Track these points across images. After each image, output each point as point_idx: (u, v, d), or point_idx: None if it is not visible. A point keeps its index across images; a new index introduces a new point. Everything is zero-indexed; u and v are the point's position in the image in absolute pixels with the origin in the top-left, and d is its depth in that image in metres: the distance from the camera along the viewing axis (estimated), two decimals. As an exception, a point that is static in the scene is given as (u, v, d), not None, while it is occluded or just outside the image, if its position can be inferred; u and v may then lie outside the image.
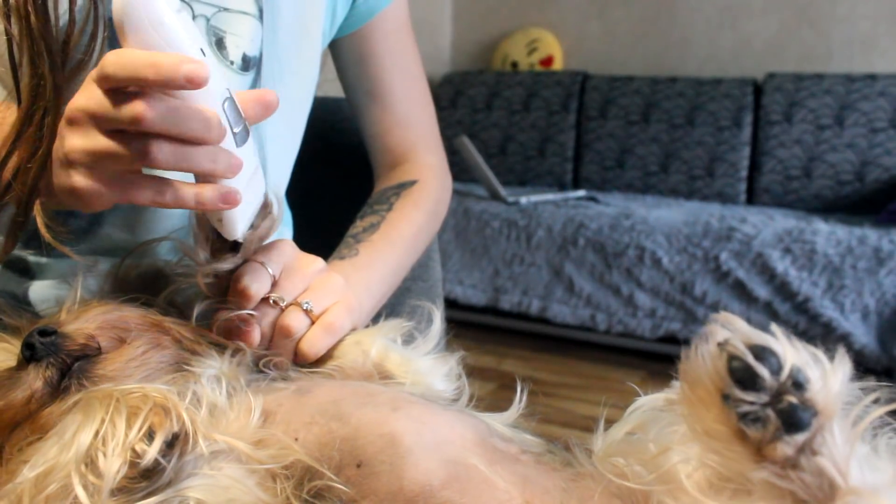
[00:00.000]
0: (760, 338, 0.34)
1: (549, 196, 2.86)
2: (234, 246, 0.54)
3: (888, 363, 2.22)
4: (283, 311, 0.55)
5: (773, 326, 0.34)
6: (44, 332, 0.45)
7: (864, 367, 2.22)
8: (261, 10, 0.65)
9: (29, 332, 0.45)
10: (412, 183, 0.80)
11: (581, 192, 2.97)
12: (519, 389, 0.51)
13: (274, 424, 0.44)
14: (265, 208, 0.55)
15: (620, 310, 2.56)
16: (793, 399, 0.32)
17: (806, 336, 2.35)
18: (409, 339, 0.57)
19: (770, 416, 0.33)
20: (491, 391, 2.20)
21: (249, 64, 0.66)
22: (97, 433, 0.37)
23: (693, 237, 2.46)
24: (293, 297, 0.56)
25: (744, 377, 0.33)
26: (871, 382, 0.35)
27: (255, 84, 0.67)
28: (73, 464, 0.36)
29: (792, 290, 2.33)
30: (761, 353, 0.33)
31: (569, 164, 3.26)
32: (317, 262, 0.59)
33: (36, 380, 0.44)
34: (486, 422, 0.47)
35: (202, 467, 0.39)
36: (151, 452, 0.37)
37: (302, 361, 0.55)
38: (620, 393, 2.37)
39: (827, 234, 2.33)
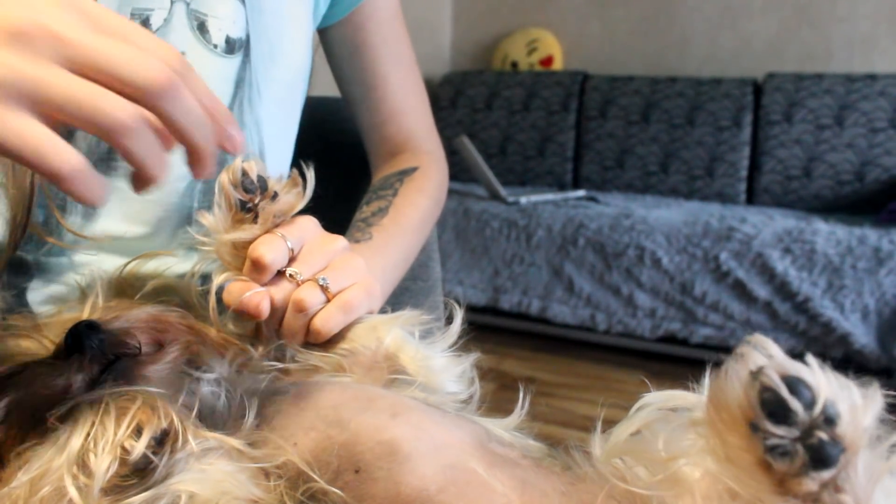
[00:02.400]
0: (794, 368, 0.33)
1: (549, 196, 2.86)
2: (256, 217, 0.53)
3: (888, 363, 2.22)
4: (298, 286, 0.53)
5: (809, 356, 0.34)
6: (90, 326, 0.45)
7: (864, 367, 2.21)
8: None
9: (75, 325, 0.46)
10: (414, 169, 0.80)
11: (581, 192, 2.97)
12: (521, 395, 0.50)
13: (272, 429, 0.43)
14: (292, 184, 0.54)
15: (620, 310, 2.56)
16: (823, 435, 0.32)
17: (806, 336, 2.36)
18: (425, 334, 0.55)
19: (799, 451, 0.32)
20: (491, 391, 2.19)
21: (234, 46, 0.66)
22: (88, 435, 0.37)
23: (693, 237, 2.45)
24: (311, 274, 0.54)
25: (776, 410, 0.32)
26: (871, 382, 0.34)
27: (243, 67, 0.67)
28: (66, 466, 0.36)
29: (792, 290, 2.32)
30: (795, 385, 0.32)
31: (569, 164, 3.26)
32: (339, 240, 0.57)
33: (78, 371, 0.44)
34: (486, 426, 0.47)
35: (193, 464, 0.39)
36: (139, 447, 0.37)
37: (313, 340, 0.53)
38: (620, 393, 2.37)
39: (827, 234, 2.33)
